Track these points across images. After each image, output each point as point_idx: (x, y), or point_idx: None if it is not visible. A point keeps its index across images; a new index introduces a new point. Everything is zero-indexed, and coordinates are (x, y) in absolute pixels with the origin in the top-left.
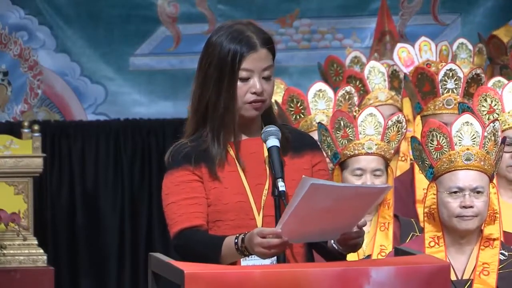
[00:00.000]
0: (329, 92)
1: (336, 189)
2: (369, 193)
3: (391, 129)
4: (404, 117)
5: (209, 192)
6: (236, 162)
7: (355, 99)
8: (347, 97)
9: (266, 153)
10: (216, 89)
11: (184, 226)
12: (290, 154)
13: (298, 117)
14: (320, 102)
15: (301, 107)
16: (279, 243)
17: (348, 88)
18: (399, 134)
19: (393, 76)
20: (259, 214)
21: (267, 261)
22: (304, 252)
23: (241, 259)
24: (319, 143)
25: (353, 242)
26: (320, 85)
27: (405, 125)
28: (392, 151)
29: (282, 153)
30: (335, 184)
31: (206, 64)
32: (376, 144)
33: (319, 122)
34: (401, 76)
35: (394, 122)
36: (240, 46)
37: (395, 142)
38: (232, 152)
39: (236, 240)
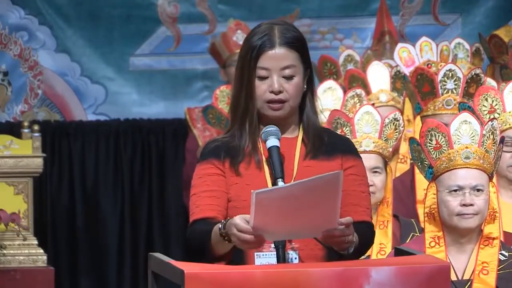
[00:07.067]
0: (339, 91)
1: (283, 190)
2: (324, 183)
3: (388, 127)
4: (402, 114)
5: (230, 188)
6: (264, 160)
7: (364, 103)
8: (356, 99)
9: (297, 154)
10: (239, 87)
11: (197, 217)
12: (321, 157)
13: None
14: (329, 100)
15: None
16: (251, 240)
17: (358, 90)
18: (396, 132)
19: (396, 77)
20: None
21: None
22: (323, 255)
23: (255, 257)
24: None
25: (336, 240)
26: (330, 83)
27: (403, 123)
28: (391, 149)
29: (313, 156)
30: (279, 187)
31: (237, 62)
32: (373, 142)
33: None
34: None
35: (391, 120)
36: (259, 44)
37: (393, 140)
38: (262, 150)
39: (220, 226)
